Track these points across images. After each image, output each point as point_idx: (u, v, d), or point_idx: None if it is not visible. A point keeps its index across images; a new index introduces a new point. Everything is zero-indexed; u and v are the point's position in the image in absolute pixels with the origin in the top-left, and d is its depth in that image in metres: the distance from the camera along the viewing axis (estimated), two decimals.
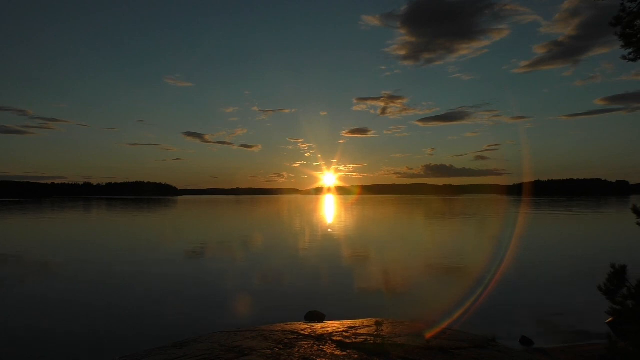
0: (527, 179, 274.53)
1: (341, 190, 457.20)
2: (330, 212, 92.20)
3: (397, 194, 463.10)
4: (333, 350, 6.80)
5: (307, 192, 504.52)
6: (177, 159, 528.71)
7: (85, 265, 22.56)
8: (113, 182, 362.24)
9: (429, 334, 8.03)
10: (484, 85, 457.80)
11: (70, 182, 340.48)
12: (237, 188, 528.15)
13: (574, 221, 55.85)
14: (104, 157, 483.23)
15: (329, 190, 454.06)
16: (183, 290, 16.96)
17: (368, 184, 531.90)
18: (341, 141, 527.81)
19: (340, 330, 8.09)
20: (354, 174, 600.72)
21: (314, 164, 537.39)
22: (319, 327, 8.45)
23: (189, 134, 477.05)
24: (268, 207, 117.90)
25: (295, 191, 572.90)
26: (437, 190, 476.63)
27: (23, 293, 16.55)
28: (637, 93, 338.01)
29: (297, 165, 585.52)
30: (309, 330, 8.04)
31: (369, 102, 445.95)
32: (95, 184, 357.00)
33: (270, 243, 33.88)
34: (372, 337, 7.41)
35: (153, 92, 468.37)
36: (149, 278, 19.30)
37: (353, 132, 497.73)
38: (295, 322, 9.26)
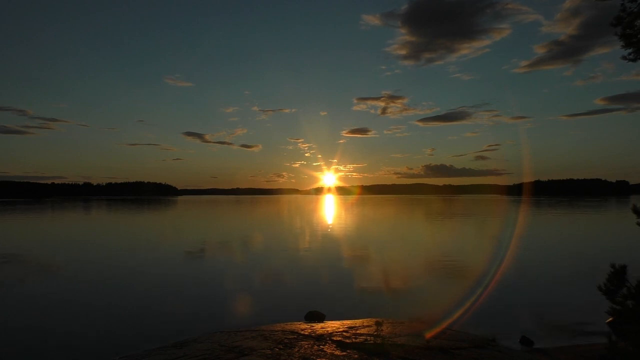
0: (527, 179, 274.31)
1: (341, 190, 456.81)
2: (330, 212, 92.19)
3: (397, 194, 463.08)
4: (333, 350, 6.79)
5: (307, 192, 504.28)
6: (177, 159, 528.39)
7: (85, 265, 22.56)
8: (113, 182, 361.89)
9: (429, 334, 8.04)
10: (484, 85, 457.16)
11: (70, 182, 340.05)
12: (237, 188, 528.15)
13: (574, 221, 55.85)
14: (104, 157, 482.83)
15: (329, 190, 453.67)
16: (183, 290, 16.96)
17: (368, 184, 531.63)
18: (341, 141, 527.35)
19: (340, 330, 8.09)
20: (354, 174, 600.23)
21: (314, 164, 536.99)
22: (319, 327, 8.46)
23: (189, 134, 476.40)
24: (268, 207, 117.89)
25: (295, 191, 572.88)
26: (437, 190, 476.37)
27: (23, 293, 16.55)
28: (637, 93, 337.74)
29: (297, 165, 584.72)
30: (309, 330, 8.04)
31: (369, 102, 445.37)
32: (95, 184, 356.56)
33: (270, 243, 33.87)
34: (372, 337, 7.41)
35: (153, 92, 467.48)
36: (149, 278, 19.30)
37: (353, 132, 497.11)
38: (295, 322, 9.27)
